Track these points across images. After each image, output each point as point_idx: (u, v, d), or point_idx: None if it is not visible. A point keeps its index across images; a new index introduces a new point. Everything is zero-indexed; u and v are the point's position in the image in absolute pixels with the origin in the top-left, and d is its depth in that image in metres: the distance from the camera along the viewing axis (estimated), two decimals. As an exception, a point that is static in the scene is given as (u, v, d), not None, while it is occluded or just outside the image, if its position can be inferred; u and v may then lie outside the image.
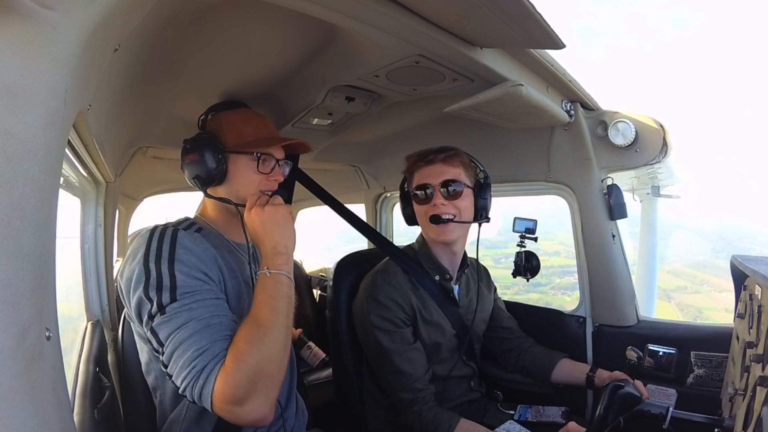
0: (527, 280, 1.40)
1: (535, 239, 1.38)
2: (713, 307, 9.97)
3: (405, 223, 1.36)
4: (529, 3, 0.72)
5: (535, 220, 1.38)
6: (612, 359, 1.37)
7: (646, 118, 1.33)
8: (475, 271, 1.41)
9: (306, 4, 0.72)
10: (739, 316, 1.12)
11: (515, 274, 1.40)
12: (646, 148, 1.33)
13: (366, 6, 0.74)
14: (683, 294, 11.23)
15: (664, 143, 1.31)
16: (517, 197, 1.81)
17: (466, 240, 1.32)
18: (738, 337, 1.09)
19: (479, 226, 1.29)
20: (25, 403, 0.38)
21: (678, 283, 11.36)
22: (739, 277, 1.17)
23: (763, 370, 0.70)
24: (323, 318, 1.53)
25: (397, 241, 2.28)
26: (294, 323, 0.89)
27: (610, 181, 1.43)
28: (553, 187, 1.54)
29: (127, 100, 0.99)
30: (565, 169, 1.47)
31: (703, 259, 11.84)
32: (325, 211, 1.51)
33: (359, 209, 2.34)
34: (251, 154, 0.94)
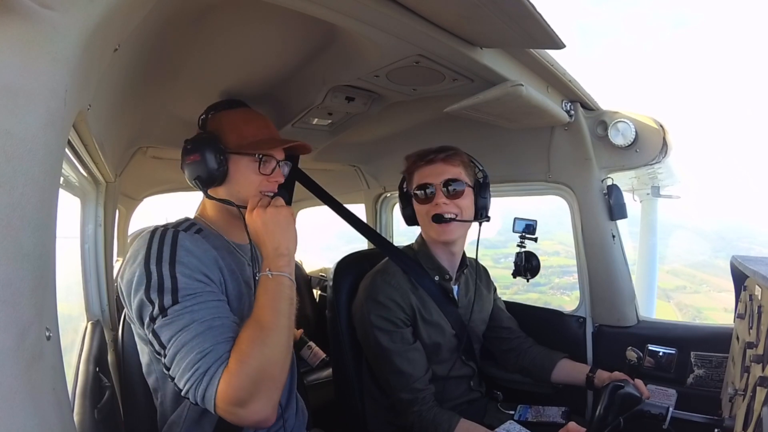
0: (527, 281, 1.39)
1: (535, 239, 1.38)
2: (712, 306, 9.98)
3: (405, 223, 1.35)
4: (529, 3, 0.72)
5: (535, 220, 1.38)
6: (612, 359, 1.37)
7: (646, 118, 1.33)
8: (474, 272, 1.41)
9: (306, 4, 0.72)
10: (739, 317, 1.12)
11: (515, 275, 1.40)
12: (646, 148, 1.33)
13: (366, 6, 0.74)
14: (682, 294, 11.23)
15: (664, 143, 1.31)
16: (516, 197, 1.81)
17: (466, 240, 1.32)
18: (738, 338, 1.09)
19: (480, 225, 1.29)
20: (25, 403, 0.38)
21: (677, 282, 11.35)
22: (739, 278, 1.17)
23: (763, 370, 0.70)
24: (323, 318, 1.53)
25: (397, 241, 2.28)
26: (295, 324, 0.89)
27: (610, 182, 1.43)
28: (553, 187, 1.54)
29: (127, 100, 0.99)
30: (565, 169, 1.47)
31: (702, 258, 11.84)
32: (324, 211, 1.51)
33: (359, 209, 2.34)
34: (253, 155, 0.94)
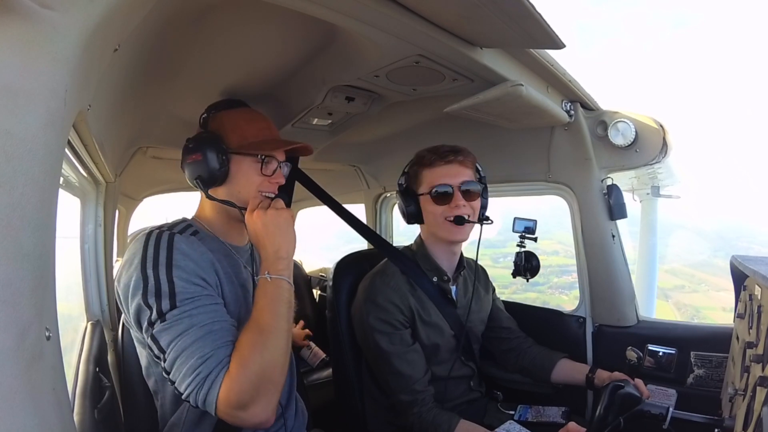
0: (527, 281, 1.39)
1: (534, 239, 1.37)
2: (711, 306, 10.00)
3: (405, 222, 1.32)
4: (529, 3, 0.72)
5: (535, 221, 1.38)
6: (612, 359, 1.37)
7: (646, 118, 1.33)
8: (473, 272, 1.41)
9: (306, 4, 0.72)
10: (738, 317, 1.12)
11: (515, 275, 1.40)
12: (646, 148, 1.33)
13: (366, 6, 0.74)
14: (681, 293, 11.25)
15: (664, 143, 1.31)
16: (515, 197, 1.81)
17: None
18: (738, 337, 1.09)
19: (481, 226, 1.29)
20: (25, 403, 0.38)
21: (676, 282, 11.37)
22: (739, 277, 1.17)
23: (763, 370, 0.70)
24: (323, 318, 1.53)
25: (396, 241, 2.28)
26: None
27: (610, 181, 1.43)
28: (553, 187, 1.54)
29: (127, 100, 0.99)
30: (565, 169, 1.47)
31: (702, 258, 11.85)
32: (324, 211, 1.51)
33: (359, 209, 2.34)
34: (255, 155, 0.94)
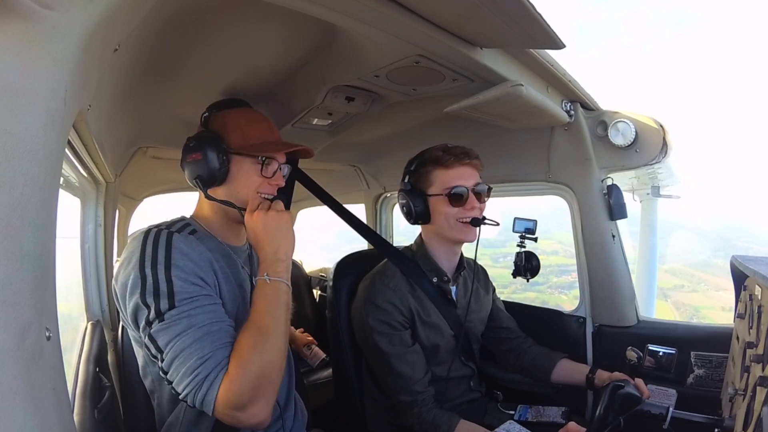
0: (527, 281, 1.39)
1: (535, 239, 1.37)
2: (710, 305, 9.99)
3: (409, 222, 1.29)
4: (529, 3, 0.72)
5: (535, 221, 1.37)
6: (612, 359, 1.37)
7: (646, 118, 1.33)
8: (472, 272, 1.41)
9: (306, 4, 0.72)
10: (739, 317, 1.12)
11: (515, 275, 1.39)
12: (646, 148, 1.33)
13: (366, 6, 0.74)
14: (680, 293, 11.25)
15: (664, 143, 1.31)
16: (515, 197, 1.81)
17: None
18: (738, 338, 1.09)
19: (479, 227, 1.29)
20: (25, 403, 0.38)
21: (675, 281, 11.38)
22: (739, 278, 1.17)
23: (763, 370, 0.70)
24: (323, 318, 1.53)
25: (396, 241, 2.28)
26: (293, 325, 0.89)
27: (610, 181, 1.43)
28: (553, 187, 1.54)
29: (127, 100, 0.99)
30: (565, 169, 1.47)
31: (701, 258, 11.85)
32: (324, 211, 1.51)
33: (359, 209, 2.34)
34: (256, 157, 0.94)
